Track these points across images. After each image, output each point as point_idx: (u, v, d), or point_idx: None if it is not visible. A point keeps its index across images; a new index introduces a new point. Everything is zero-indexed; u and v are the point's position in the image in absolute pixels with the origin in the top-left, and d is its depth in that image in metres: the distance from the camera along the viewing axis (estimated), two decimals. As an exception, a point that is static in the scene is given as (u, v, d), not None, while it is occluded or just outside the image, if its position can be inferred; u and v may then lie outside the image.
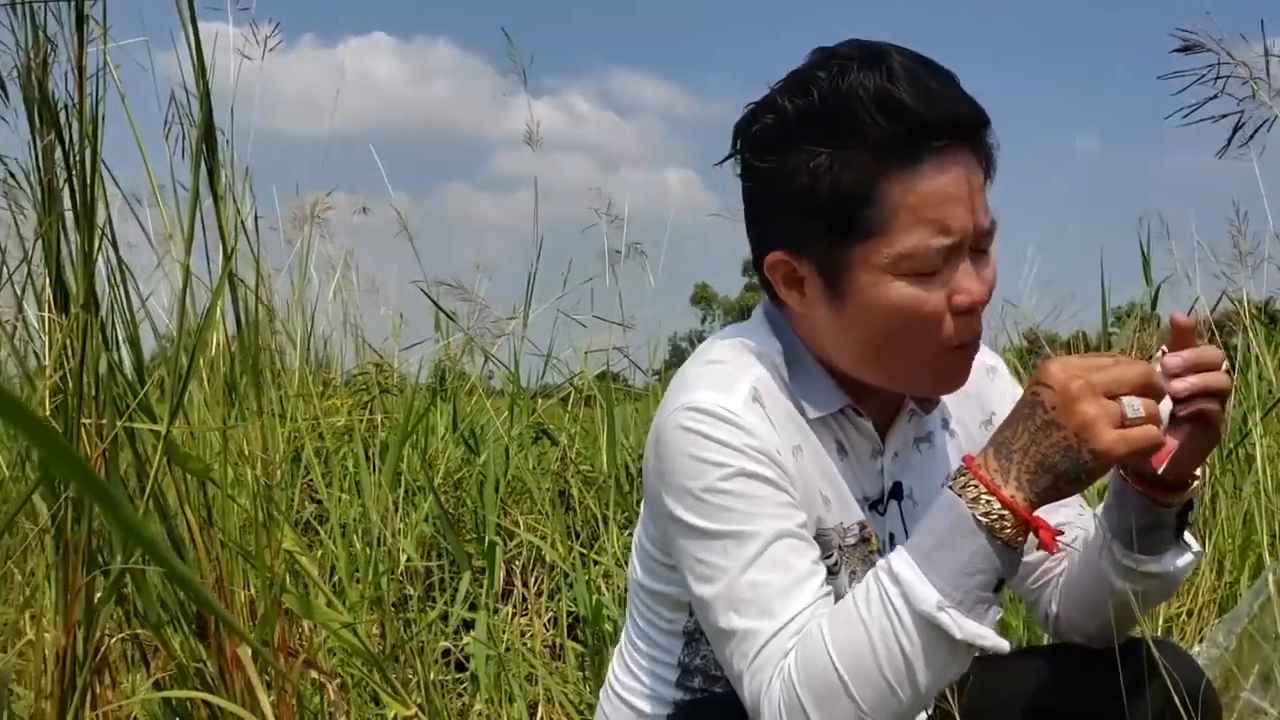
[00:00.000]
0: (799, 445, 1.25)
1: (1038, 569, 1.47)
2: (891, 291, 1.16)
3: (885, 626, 1.07)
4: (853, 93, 1.13)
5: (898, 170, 1.14)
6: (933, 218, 1.14)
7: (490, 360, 3.59)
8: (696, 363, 1.29)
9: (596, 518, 2.70)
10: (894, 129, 1.12)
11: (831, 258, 1.19)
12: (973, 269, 1.18)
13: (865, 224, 1.15)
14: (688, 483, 1.18)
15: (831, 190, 1.15)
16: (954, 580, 1.06)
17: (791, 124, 1.17)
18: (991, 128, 1.21)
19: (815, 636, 1.10)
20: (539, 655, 2.44)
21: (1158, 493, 1.26)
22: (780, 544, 1.16)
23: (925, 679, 1.07)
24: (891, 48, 1.16)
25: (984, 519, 1.06)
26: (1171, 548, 1.31)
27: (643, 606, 1.41)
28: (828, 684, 1.08)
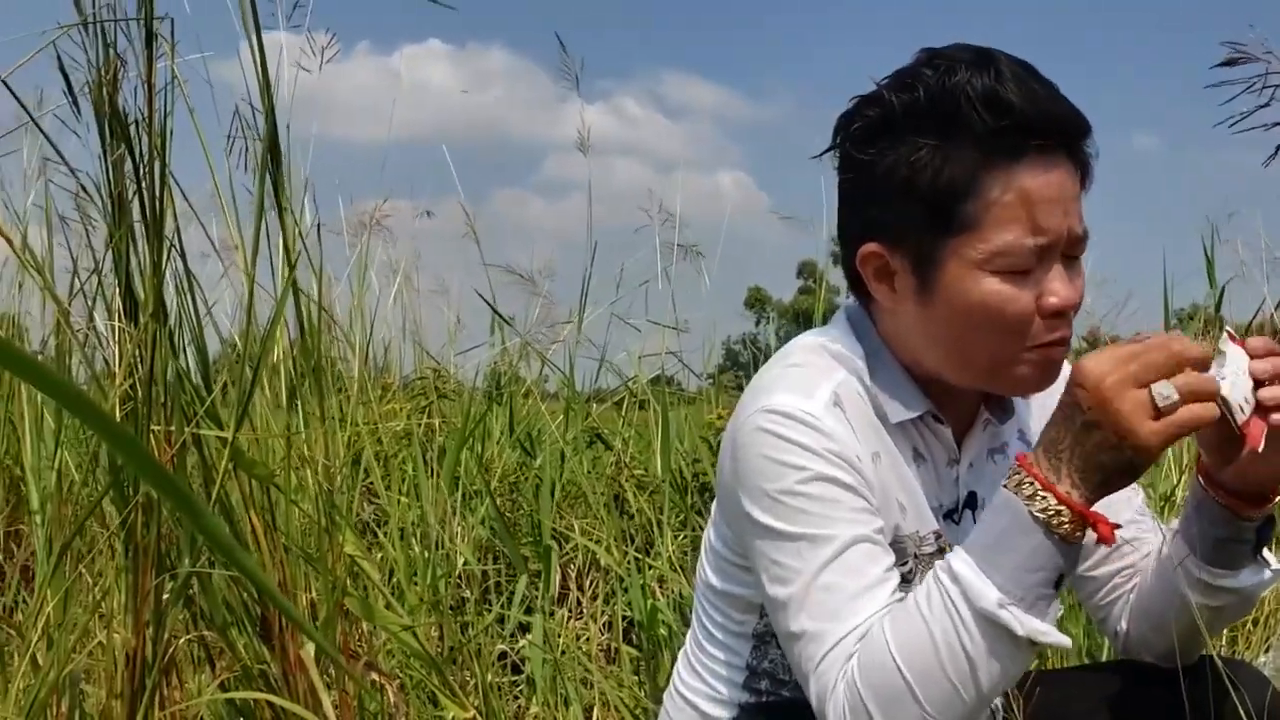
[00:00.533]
0: (878, 452, 1.25)
1: (1108, 584, 1.44)
2: (982, 287, 1.17)
3: (947, 626, 1.07)
4: (960, 89, 1.15)
5: (999, 167, 1.15)
6: (1029, 216, 1.15)
7: (546, 364, 3.61)
8: (777, 365, 1.30)
9: (651, 522, 2.71)
10: (999, 125, 1.14)
11: (925, 250, 1.20)
12: (1065, 273, 1.19)
13: (962, 218, 1.17)
14: (765, 484, 1.19)
15: (932, 183, 1.17)
16: (1014, 577, 1.06)
17: (896, 118, 1.19)
18: (1092, 137, 1.22)
19: (878, 639, 1.10)
20: (594, 659, 2.46)
21: (1239, 504, 1.25)
22: (856, 549, 1.16)
23: (988, 678, 1.07)
24: (998, 52, 1.18)
25: (1041, 515, 1.06)
26: (1249, 564, 1.29)
27: (711, 609, 1.41)
28: (891, 685, 1.08)
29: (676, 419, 3.82)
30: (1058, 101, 1.18)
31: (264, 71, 1.33)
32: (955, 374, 1.26)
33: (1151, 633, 1.38)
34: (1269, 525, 1.28)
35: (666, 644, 2.27)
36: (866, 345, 1.30)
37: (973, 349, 1.21)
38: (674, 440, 3.15)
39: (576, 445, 3.37)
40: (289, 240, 1.34)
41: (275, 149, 1.35)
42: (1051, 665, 2.36)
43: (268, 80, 1.33)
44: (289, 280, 1.37)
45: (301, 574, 1.56)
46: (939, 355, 1.25)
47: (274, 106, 1.33)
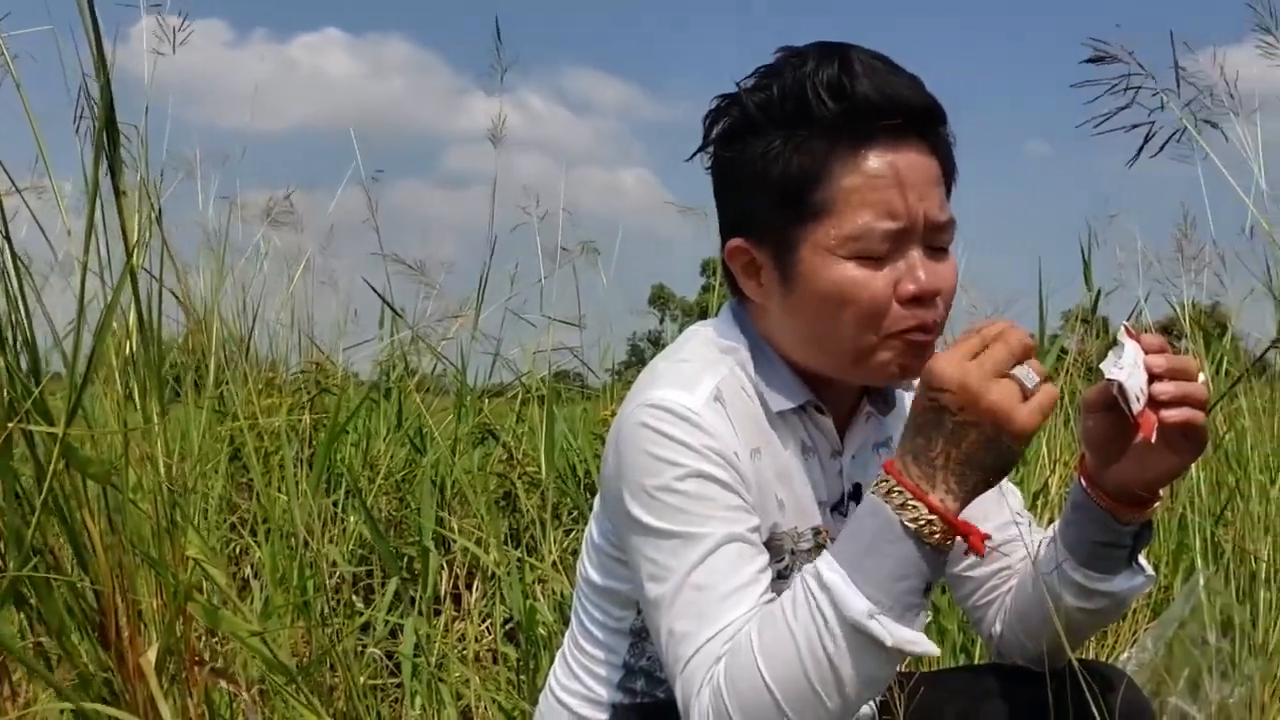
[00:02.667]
0: (758, 448, 1.25)
1: (984, 585, 1.45)
2: (836, 272, 1.18)
3: (812, 634, 1.06)
4: (807, 81, 1.17)
5: (846, 153, 1.17)
6: (879, 200, 1.16)
7: (437, 358, 3.55)
8: (664, 360, 1.30)
9: (534, 521, 2.67)
10: (843, 110, 1.16)
11: (782, 240, 1.21)
12: (926, 261, 1.19)
13: (813, 205, 1.18)
14: (644, 480, 1.18)
15: (783, 172, 1.18)
16: (883, 587, 1.05)
17: (753, 114, 1.21)
18: (947, 124, 1.23)
19: (744, 644, 1.09)
20: (472, 661, 2.41)
21: (1119, 508, 1.26)
22: (728, 548, 1.15)
23: (853, 686, 1.06)
24: (852, 46, 1.19)
25: (911, 525, 1.05)
26: (1125, 569, 1.31)
27: (590, 605, 1.40)
28: (755, 692, 1.07)
29: (571, 415, 3.79)
30: (908, 88, 1.19)
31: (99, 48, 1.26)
32: (822, 364, 1.26)
33: (1025, 635, 1.39)
34: (1146, 530, 1.29)
35: (546, 645, 2.24)
36: (749, 338, 1.30)
37: (833, 337, 1.21)
38: (563, 437, 3.11)
39: (467, 442, 3.32)
40: (127, 226, 1.27)
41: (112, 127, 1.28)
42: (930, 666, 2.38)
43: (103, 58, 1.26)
44: (129, 266, 1.30)
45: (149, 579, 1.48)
46: (805, 346, 1.26)
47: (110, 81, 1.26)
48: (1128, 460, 1.23)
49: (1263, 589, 2.18)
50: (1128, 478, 1.23)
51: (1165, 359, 1.16)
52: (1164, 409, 1.15)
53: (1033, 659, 1.38)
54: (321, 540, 2.24)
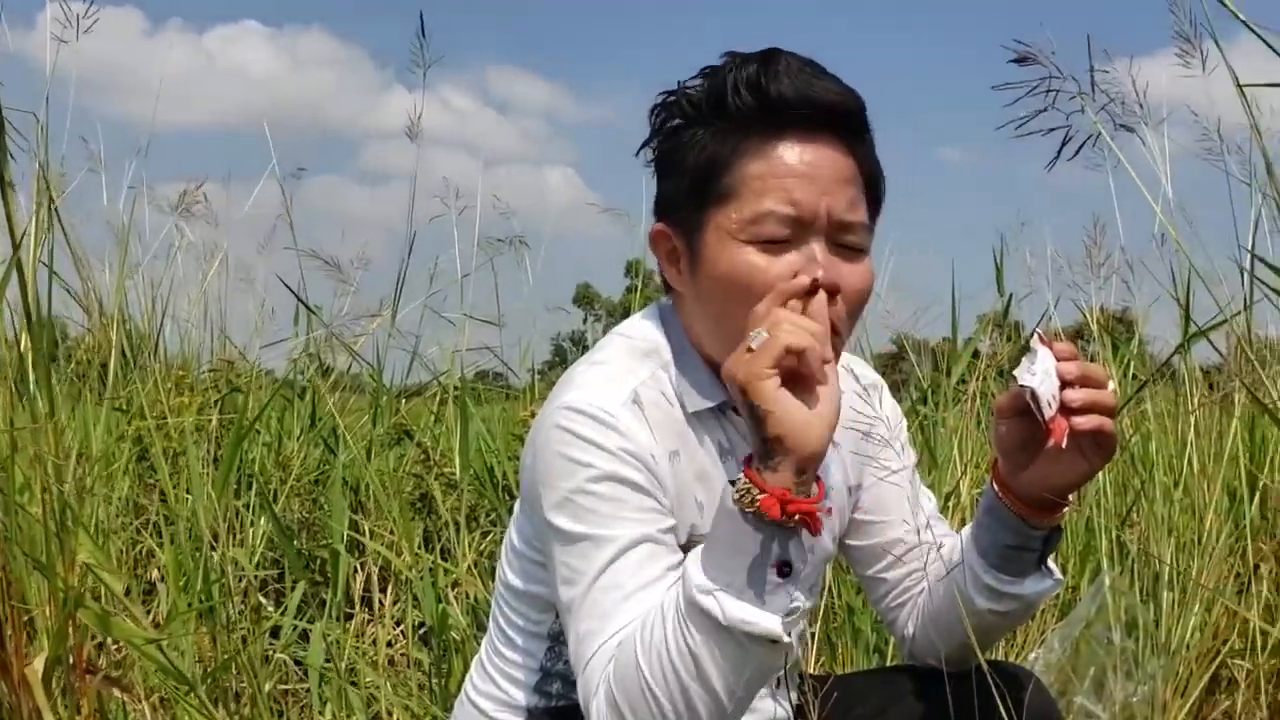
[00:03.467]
0: (677, 450, 1.25)
1: (897, 587, 1.47)
2: (734, 256, 1.20)
3: (674, 620, 1.07)
4: (731, 78, 1.21)
5: (756, 141, 1.20)
6: (780, 187, 1.19)
7: (353, 357, 3.48)
8: (583, 363, 1.31)
9: (448, 523, 2.63)
10: (757, 104, 1.20)
11: (692, 224, 1.24)
12: (830, 257, 1.20)
13: (719, 189, 1.21)
14: (558, 482, 1.19)
15: (696, 159, 1.23)
16: (722, 564, 1.06)
17: (685, 109, 1.26)
18: (868, 129, 1.26)
19: (629, 641, 1.10)
20: (384, 666, 2.36)
21: (1030, 512, 1.27)
22: (638, 549, 1.15)
23: (720, 678, 1.06)
24: (787, 52, 1.22)
25: (735, 496, 1.07)
26: (1035, 572, 1.32)
27: (509, 609, 1.39)
28: (636, 684, 1.07)
29: (490, 416, 3.75)
30: (827, 88, 1.22)
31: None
32: (722, 355, 1.22)
33: (938, 637, 1.41)
34: (1056, 534, 1.31)
35: (459, 649, 2.20)
36: (673, 336, 1.31)
37: (730, 323, 1.19)
38: (480, 438, 3.07)
39: (383, 443, 3.26)
40: (11, 216, 1.21)
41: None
42: (846, 668, 2.39)
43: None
44: (14, 261, 1.24)
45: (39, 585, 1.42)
46: (710, 333, 1.27)
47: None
48: (1039, 465, 1.24)
49: (1166, 590, 2.23)
50: (1039, 482, 1.25)
51: (1077, 366, 1.18)
52: (1075, 415, 1.17)
53: (945, 660, 1.39)
54: (228, 543, 2.18)
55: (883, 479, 1.44)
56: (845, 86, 1.24)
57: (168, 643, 1.61)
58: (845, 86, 1.24)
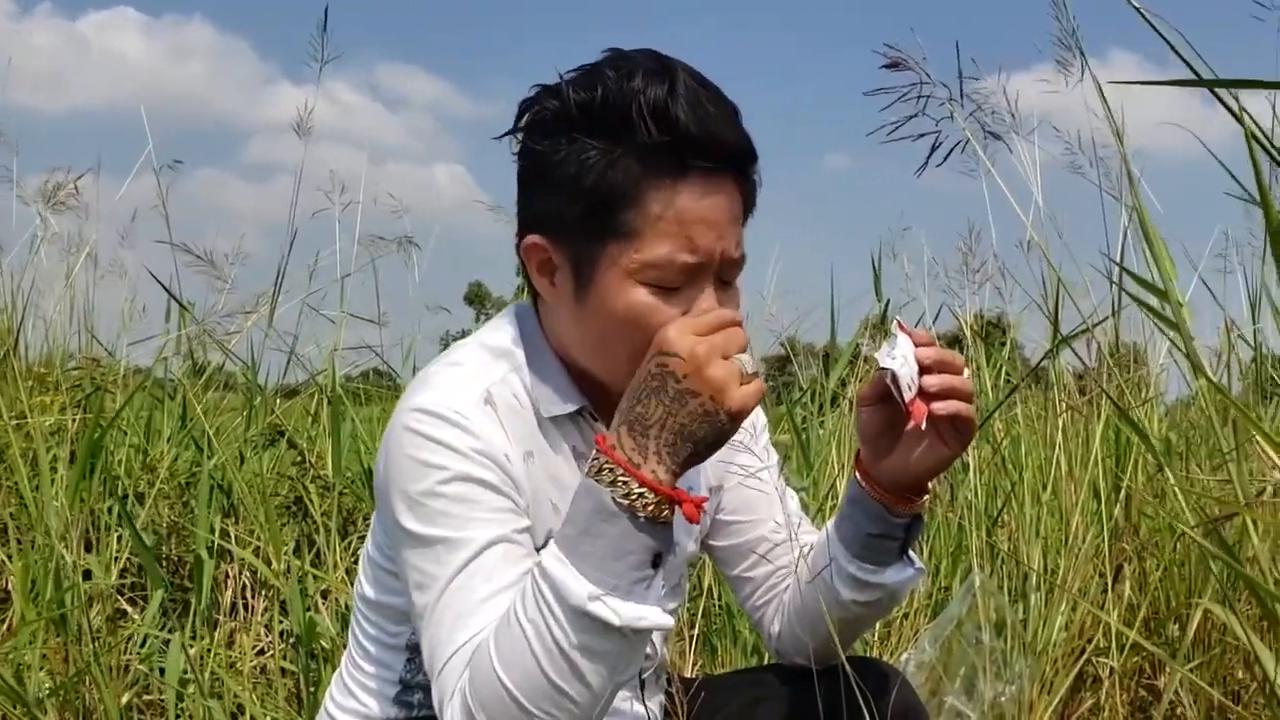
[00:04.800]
0: (531, 452, 1.23)
1: (763, 584, 1.48)
2: (630, 296, 1.17)
3: (541, 627, 1.05)
4: (633, 96, 1.15)
5: (661, 182, 1.16)
6: (684, 235, 1.16)
7: (226, 355, 3.36)
8: (436, 363, 1.28)
9: (321, 528, 2.56)
10: (664, 140, 1.14)
11: (583, 250, 1.20)
12: (715, 296, 1.20)
13: (619, 225, 1.17)
14: (408, 486, 1.16)
15: (595, 185, 1.17)
16: (605, 567, 1.05)
17: (572, 114, 1.18)
18: (756, 165, 1.24)
19: (484, 647, 1.08)
20: (251, 676, 2.28)
21: (892, 500, 1.29)
22: (492, 551, 1.14)
23: (595, 676, 1.05)
24: (682, 66, 1.18)
25: (624, 501, 1.06)
26: (896, 561, 1.35)
27: (365, 622, 1.37)
28: (497, 695, 1.05)
29: (370, 417, 3.66)
30: (728, 127, 1.20)
31: None
32: (603, 375, 1.26)
33: (804, 631, 1.42)
34: (917, 523, 1.34)
35: (329, 659, 2.14)
36: (529, 340, 1.29)
37: (616, 355, 1.21)
38: (357, 440, 3.00)
39: (257, 444, 3.16)
40: None
41: None
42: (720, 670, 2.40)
43: None
44: None
45: None
46: (588, 355, 1.25)
47: None
48: (899, 452, 1.27)
49: (1034, 590, 2.28)
50: (899, 469, 1.28)
51: (934, 352, 1.21)
52: (933, 401, 1.20)
53: (811, 655, 1.41)
54: (79, 549, 2.07)
55: (744, 481, 1.45)
56: (738, 119, 1.22)
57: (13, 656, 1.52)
58: (738, 119, 1.22)
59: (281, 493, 2.96)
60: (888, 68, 1.43)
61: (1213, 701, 2.13)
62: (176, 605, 2.45)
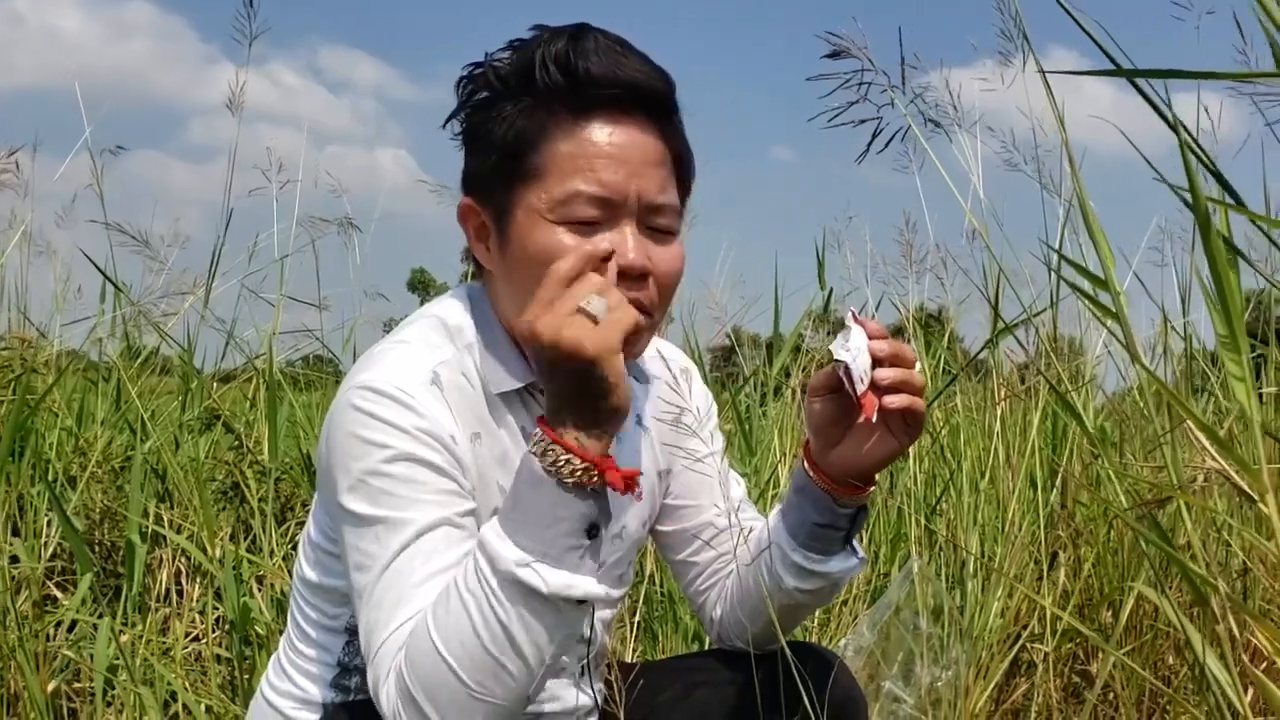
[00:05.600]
0: (478, 433, 1.23)
1: (706, 569, 1.49)
2: (544, 235, 1.19)
3: (480, 597, 1.06)
4: (540, 53, 1.19)
5: (565, 121, 1.19)
6: (589, 167, 1.18)
7: (162, 337, 3.30)
8: (385, 341, 1.27)
9: (257, 512, 2.52)
10: (566, 82, 1.19)
11: (501, 201, 1.22)
12: (639, 238, 1.20)
13: (528, 167, 1.20)
14: (351, 464, 1.15)
15: (504, 135, 1.21)
16: (535, 535, 1.06)
17: (492, 81, 1.23)
18: (678, 110, 1.26)
19: (421, 623, 1.08)
20: (184, 662, 2.24)
21: (838, 490, 1.30)
22: (434, 533, 1.13)
23: (531, 646, 1.06)
24: (597, 29, 1.21)
25: (551, 467, 1.07)
26: (840, 551, 1.35)
27: (305, 604, 1.35)
28: (435, 668, 1.05)
29: (309, 402, 3.61)
30: (633, 68, 1.21)
31: None
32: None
33: (745, 616, 1.42)
34: (862, 514, 1.34)
35: (264, 644, 2.11)
36: (479, 318, 1.28)
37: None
38: (295, 424, 2.95)
39: (193, 428, 3.10)
40: None
41: None
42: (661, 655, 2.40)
43: None
44: None
45: None
46: (517, 310, 1.23)
47: None
48: (848, 443, 1.28)
49: (971, 577, 2.31)
50: (848, 460, 1.28)
51: (888, 345, 1.22)
52: (886, 394, 1.21)
53: (751, 641, 1.42)
54: (5, 533, 2.02)
55: (691, 465, 1.44)
56: (655, 66, 1.23)
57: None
58: (655, 66, 1.23)
59: (218, 478, 2.91)
60: (830, 56, 1.43)
61: (1144, 686, 2.17)
62: (108, 591, 2.41)
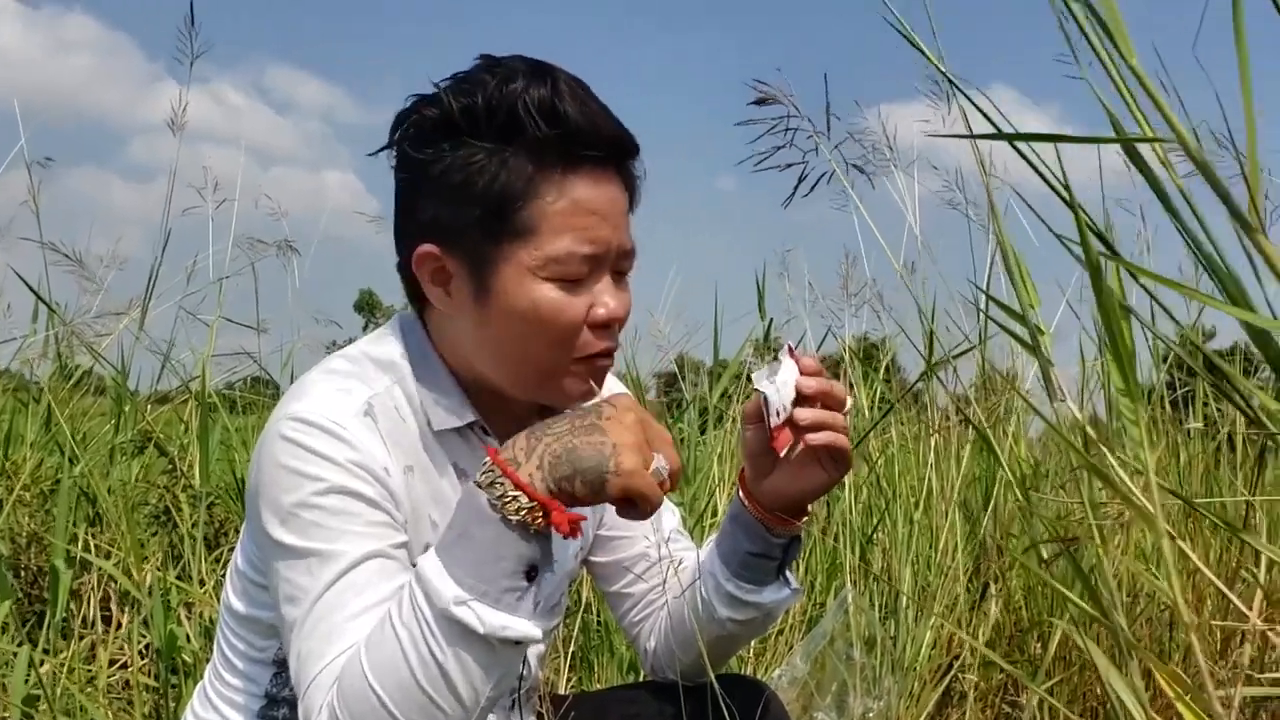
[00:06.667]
0: (412, 465, 1.21)
1: (641, 601, 1.49)
2: (536, 292, 1.17)
3: (415, 633, 1.03)
4: (517, 97, 1.15)
5: (554, 176, 1.16)
6: (581, 226, 1.17)
7: (95, 358, 3.24)
8: (315, 371, 1.25)
9: (187, 538, 2.48)
10: (554, 134, 1.15)
11: (481, 253, 1.19)
12: (613, 287, 1.21)
13: (518, 223, 1.17)
14: (282, 496, 1.13)
15: (488, 186, 1.16)
16: (474, 571, 1.03)
17: (455, 120, 1.18)
18: (640, 157, 1.26)
19: (355, 657, 1.05)
20: (108, 691, 2.19)
21: (772, 520, 1.30)
22: (367, 566, 1.11)
23: (466, 686, 1.03)
24: (555, 66, 1.19)
25: (497, 503, 1.03)
26: (774, 581, 1.36)
27: (232, 635, 1.33)
28: (367, 702, 1.03)
29: (245, 425, 3.56)
30: (610, 120, 1.21)
31: None
32: (506, 382, 1.24)
33: (678, 647, 1.43)
34: (796, 544, 1.35)
35: (191, 673, 2.07)
36: (416, 352, 1.27)
37: (523, 356, 1.21)
38: (229, 448, 2.92)
39: (126, 451, 3.05)
40: None
41: None
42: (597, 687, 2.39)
43: None
44: None
45: None
46: (491, 362, 1.23)
47: None
48: (779, 473, 1.29)
49: (905, 609, 2.33)
50: (780, 490, 1.29)
51: (816, 383, 1.23)
52: (808, 432, 1.22)
53: (684, 672, 1.42)
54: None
55: None
56: (613, 115, 1.23)
57: None
58: (613, 115, 1.23)
59: (151, 501, 2.86)
60: (756, 103, 1.46)
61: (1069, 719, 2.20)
62: (30, 618, 2.35)
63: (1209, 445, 2.58)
